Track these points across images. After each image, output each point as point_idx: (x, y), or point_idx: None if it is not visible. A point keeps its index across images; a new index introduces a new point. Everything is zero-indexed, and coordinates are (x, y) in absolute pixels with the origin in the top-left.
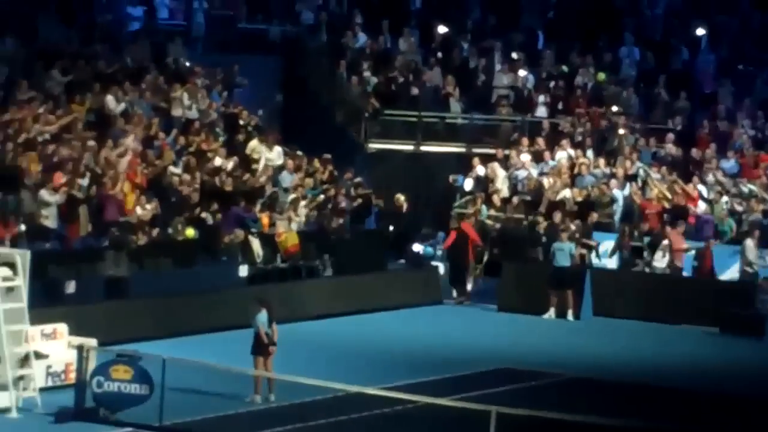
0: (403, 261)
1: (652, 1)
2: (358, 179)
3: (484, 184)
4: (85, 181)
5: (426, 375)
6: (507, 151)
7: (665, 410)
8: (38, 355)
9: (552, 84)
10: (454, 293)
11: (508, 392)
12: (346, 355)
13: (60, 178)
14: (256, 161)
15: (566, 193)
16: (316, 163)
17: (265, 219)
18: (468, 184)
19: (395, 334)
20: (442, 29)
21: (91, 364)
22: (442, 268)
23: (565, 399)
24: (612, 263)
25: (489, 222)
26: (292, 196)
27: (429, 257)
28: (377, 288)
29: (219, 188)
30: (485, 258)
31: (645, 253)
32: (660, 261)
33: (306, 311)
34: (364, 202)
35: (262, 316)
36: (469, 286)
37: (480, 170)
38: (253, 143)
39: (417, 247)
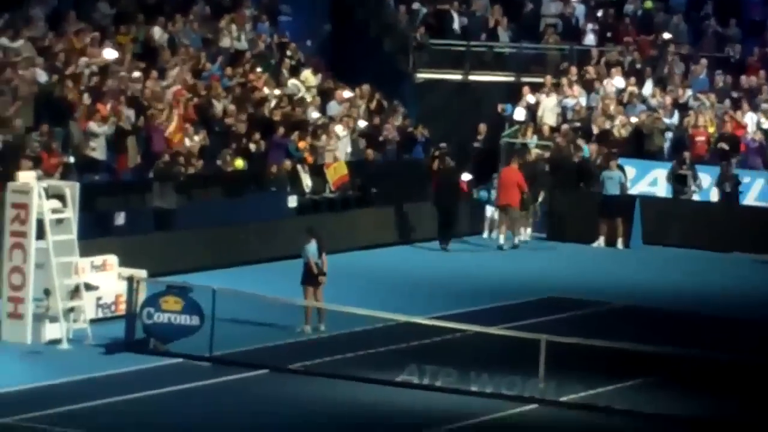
0: None
1: None
2: (403, 110)
3: (534, 112)
4: (131, 113)
5: (475, 305)
6: (556, 80)
7: (714, 338)
8: (88, 287)
9: (600, 12)
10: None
11: (558, 321)
12: (396, 285)
13: (106, 109)
14: (305, 91)
15: (616, 121)
16: (364, 92)
17: (302, 145)
18: (518, 114)
19: (443, 264)
20: None
21: (141, 296)
22: (489, 210)
23: (614, 327)
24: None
25: (538, 151)
26: (339, 126)
27: (483, 201)
28: (423, 218)
29: (267, 119)
30: (541, 197)
31: (691, 181)
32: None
33: (354, 241)
34: (410, 133)
35: (312, 246)
36: (520, 236)
37: (530, 99)
38: (303, 73)
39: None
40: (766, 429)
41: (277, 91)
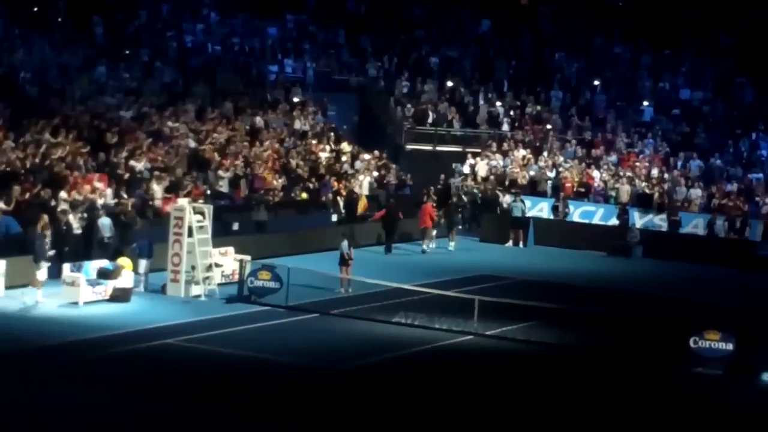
0: None
1: (569, 63)
2: (397, 167)
3: (473, 169)
4: (242, 165)
5: (438, 278)
6: (486, 151)
7: (574, 298)
8: (217, 265)
9: (511, 111)
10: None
11: (486, 288)
12: (389, 265)
13: (228, 163)
14: (344, 154)
15: (520, 174)
16: (376, 155)
17: (338, 185)
18: (465, 168)
19: (418, 257)
20: (450, 83)
21: (247, 270)
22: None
23: (518, 291)
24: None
25: (475, 191)
26: (362, 175)
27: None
28: (410, 228)
29: (319, 170)
30: (459, 218)
31: (561, 209)
32: (572, 214)
33: (367, 241)
34: (402, 180)
35: (345, 243)
36: (431, 244)
37: (471, 161)
38: (342, 144)
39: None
40: (605, 354)
41: (326, 154)
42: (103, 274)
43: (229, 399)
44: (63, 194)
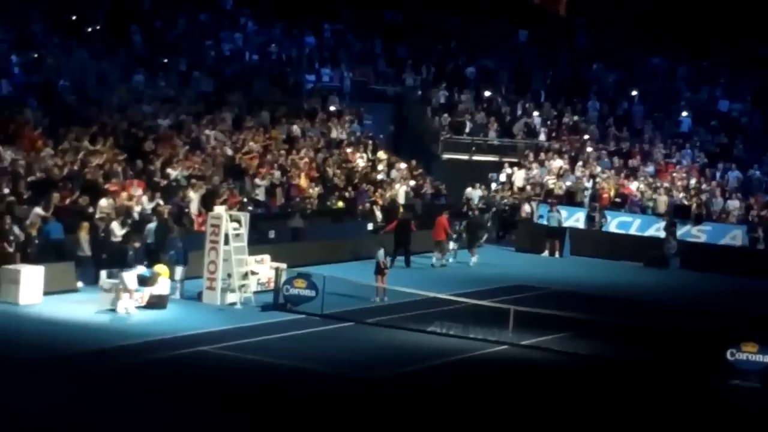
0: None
1: (606, 73)
2: (432, 177)
3: (509, 179)
4: (278, 173)
5: (473, 288)
6: (522, 161)
7: (610, 310)
8: (252, 273)
9: (549, 121)
10: (388, 261)
11: (521, 298)
12: (425, 275)
13: (265, 172)
14: (380, 162)
15: (557, 184)
16: (412, 164)
17: (378, 196)
18: (502, 177)
19: (453, 267)
20: (487, 93)
21: (282, 278)
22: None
23: (553, 302)
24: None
25: (504, 201)
26: (398, 184)
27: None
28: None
29: (355, 178)
30: (482, 232)
31: (598, 219)
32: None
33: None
34: (438, 189)
35: (381, 252)
36: (449, 258)
37: (507, 170)
38: (378, 153)
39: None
40: (641, 366)
41: (362, 163)
42: (141, 281)
43: (264, 408)
44: (103, 201)
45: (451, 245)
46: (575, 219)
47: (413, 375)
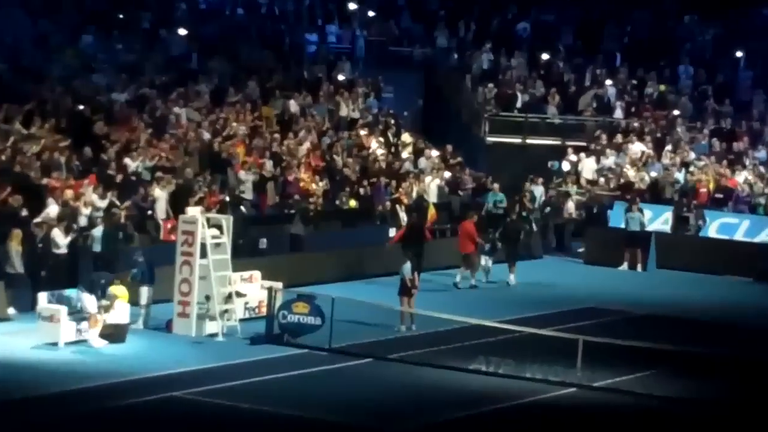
0: None
1: (702, 29)
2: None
3: (575, 168)
4: (270, 164)
5: (527, 312)
6: (592, 144)
7: (710, 339)
8: (238, 294)
9: (626, 94)
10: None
11: (592, 325)
12: (469, 296)
13: (253, 161)
14: (404, 148)
15: (638, 176)
16: (447, 151)
17: (402, 192)
18: (565, 166)
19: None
20: (544, 56)
21: (278, 302)
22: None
23: (635, 331)
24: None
25: (578, 197)
26: (429, 177)
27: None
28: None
29: (372, 169)
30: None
31: (693, 222)
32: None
33: (437, 263)
34: (482, 183)
35: (407, 266)
36: (481, 277)
37: (572, 157)
38: (402, 137)
39: None
40: (749, 410)
41: (381, 150)
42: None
43: None
44: (52, 206)
45: (483, 260)
46: (662, 221)
47: (450, 427)
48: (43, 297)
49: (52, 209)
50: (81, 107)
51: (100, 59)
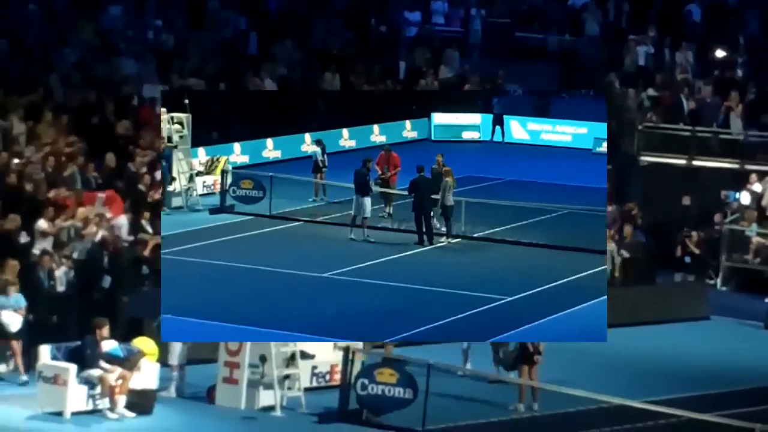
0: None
1: None
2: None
3: (758, 200)
4: None
5: (690, 390)
6: None
7: None
8: (304, 355)
9: None
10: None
11: None
12: (610, 366)
13: None
14: None
15: None
16: None
17: None
18: (744, 198)
19: (661, 347)
20: (720, 52)
21: (357, 367)
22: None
23: None
24: None
25: (760, 239)
26: None
27: None
28: (646, 300)
29: None
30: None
31: None
32: None
33: None
34: (632, 216)
35: None
36: None
37: (756, 186)
38: None
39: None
40: None
41: None
42: (108, 363)
43: None
44: (42, 223)
45: None
46: None
47: None
48: (45, 351)
49: (42, 225)
50: (101, 101)
51: (127, 39)
